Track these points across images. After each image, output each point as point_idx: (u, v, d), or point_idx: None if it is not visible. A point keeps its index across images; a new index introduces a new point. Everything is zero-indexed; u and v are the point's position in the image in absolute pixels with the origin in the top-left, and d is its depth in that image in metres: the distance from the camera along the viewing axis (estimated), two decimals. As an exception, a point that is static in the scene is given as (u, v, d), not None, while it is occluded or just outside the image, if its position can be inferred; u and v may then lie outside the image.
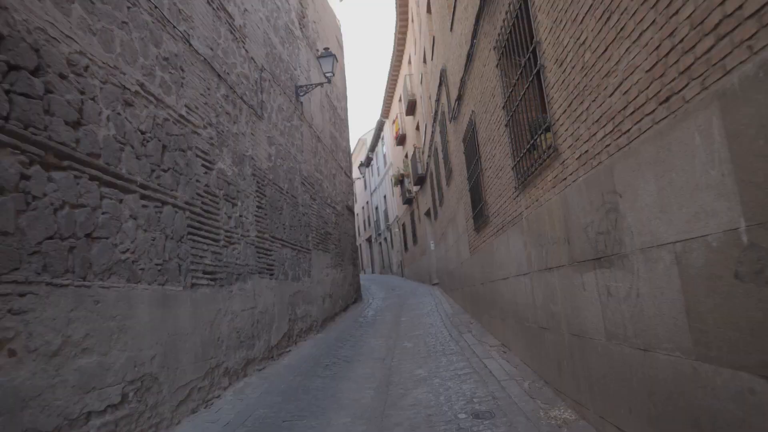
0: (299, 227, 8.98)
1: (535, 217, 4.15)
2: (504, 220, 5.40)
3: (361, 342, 8.02)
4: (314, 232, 10.07)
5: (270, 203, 7.51)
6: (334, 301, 11.21)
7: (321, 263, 10.31)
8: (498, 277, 6.05)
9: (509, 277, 5.40)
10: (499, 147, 5.23)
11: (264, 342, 6.59)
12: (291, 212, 8.57)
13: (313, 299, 9.32)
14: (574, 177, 3.14)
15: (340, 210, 13.01)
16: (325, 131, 12.31)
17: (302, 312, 8.55)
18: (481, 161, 6.40)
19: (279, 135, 8.37)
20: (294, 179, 8.99)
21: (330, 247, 11.32)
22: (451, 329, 8.09)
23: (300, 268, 8.74)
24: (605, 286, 2.78)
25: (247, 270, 6.28)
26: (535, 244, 4.21)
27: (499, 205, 5.59)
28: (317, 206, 10.56)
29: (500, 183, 5.39)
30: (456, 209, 9.79)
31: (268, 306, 6.89)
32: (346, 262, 13.14)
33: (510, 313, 5.56)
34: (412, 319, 9.97)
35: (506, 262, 5.47)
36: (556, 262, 3.67)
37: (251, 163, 6.88)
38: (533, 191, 4.14)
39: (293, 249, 8.44)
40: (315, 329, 9.29)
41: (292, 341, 7.87)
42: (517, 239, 4.87)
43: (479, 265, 7.50)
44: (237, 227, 6.13)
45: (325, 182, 11.68)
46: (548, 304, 3.97)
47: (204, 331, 4.96)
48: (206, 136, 5.53)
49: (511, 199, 4.98)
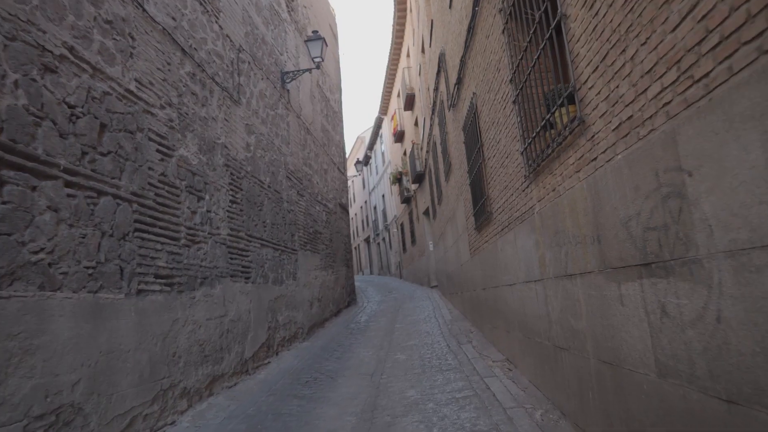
0: (283, 225, 8.21)
1: (550, 211, 3.37)
2: (510, 216, 4.62)
3: (349, 352, 7.23)
4: (301, 230, 9.29)
5: (247, 198, 6.73)
6: (324, 306, 10.43)
7: (309, 265, 9.53)
8: (503, 282, 5.27)
9: (516, 283, 4.62)
10: (505, 130, 4.46)
11: (236, 355, 5.81)
12: (273, 209, 7.79)
13: (298, 304, 8.54)
14: (609, 155, 2.36)
15: (332, 208, 12.23)
16: (316, 123, 11.53)
17: (285, 319, 7.77)
18: (484, 150, 5.62)
19: (260, 123, 7.60)
20: (278, 173, 8.21)
21: (320, 248, 10.54)
22: (449, 339, 7.31)
23: (283, 270, 7.96)
24: (658, 302, 2.00)
25: (215, 273, 5.50)
26: (550, 244, 3.43)
27: (504, 199, 4.81)
28: (305, 203, 9.78)
29: (506, 173, 4.61)
30: (455, 207, 9.01)
31: (241, 313, 6.11)
32: (339, 264, 12.36)
33: (516, 325, 4.78)
34: (407, 326, 9.19)
35: (513, 265, 4.70)
36: (579, 267, 2.89)
37: (224, 152, 6.11)
38: (548, 179, 3.36)
39: (275, 249, 7.66)
40: (300, 337, 8.50)
41: (272, 352, 7.09)
42: (526, 238, 4.09)
43: (481, 267, 6.72)
44: (204, 224, 5.36)
45: (316, 177, 10.90)
46: (567, 319, 3.19)
47: (153, 347, 4.17)
48: (164, 117, 4.76)
49: (519, 191, 4.20)
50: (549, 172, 3.33)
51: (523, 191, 4.05)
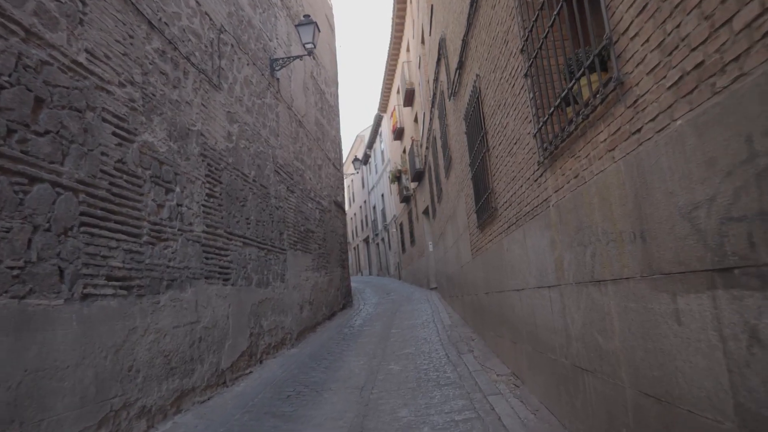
0: (270, 223, 7.61)
1: (571, 203, 2.77)
2: (519, 211, 4.02)
3: (339, 361, 6.64)
4: (291, 229, 8.70)
5: (228, 192, 6.13)
6: (316, 309, 9.83)
7: (299, 265, 8.93)
8: (509, 286, 4.67)
9: (525, 289, 4.02)
10: (514, 112, 3.86)
11: (210, 366, 5.21)
12: (259, 205, 7.20)
13: (286, 308, 7.94)
14: (662, 122, 1.77)
15: (326, 205, 11.63)
16: (310, 116, 10.94)
17: (271, 324, 7.17)
18: (488, 138, 5.03)
19: (245, 112, 7.00)
20: (265, 166, 7.62)
21: (312, 247, 9.95)
22: (448, 347, 6.71)
23: (270, 272, 7.36)
24: (744, 323, 1.41)
25: (186, 274, 4.90)
26: (570, 243, 2.83)
27: (511, 192, 4.22)
28: (296, 200, 9.18)
29: (514, 162, 4.02)
30: (456, 204, 8.42)
31: (218, 319, 5.51)
32: (333, 264, 11.76)
33: (525, 336, 4.18)
34: (404, 332, 8.59)
35: (521, 267, 4.10)
36: (612, 272, 2.29)
37: (200, 141, 5.51)
38: (569, 164, 2.76)
39: (261, 248, 7.06)
40: (288, 343, 7.91)
41: (255, 360, 6.49)
42: (538, 237, 3.49)
43: (483, 269, 6.12)
44: (173, 219, 4.76)
45: (308, 173, 10.31)
46: (593, 336, 2.60)
47: (102, 361, 3.58)
48: (123, 96, 4.16)
49: (530, 182, 3.61)
50: (570, 155, 2.73)
51: (536, 181, 3.46)
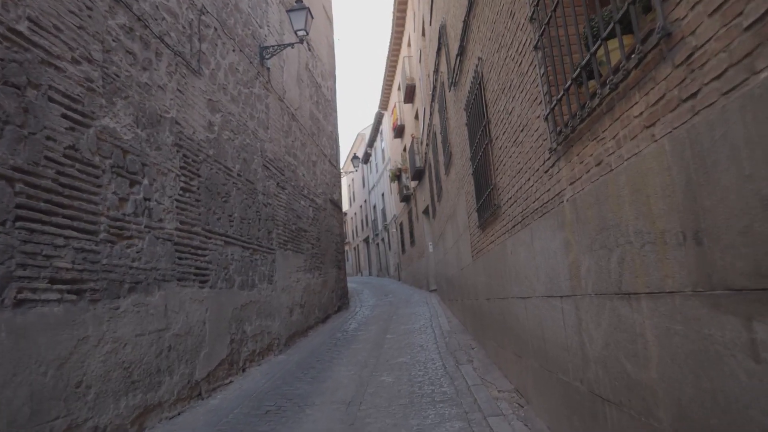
0: (257, 221, 7.12)
1: (592, 196, 2.27)
2: (525, 208, 3.53)
3: (328, 370, 6.14)
4: (281, 227, 8.21)
5: (207, 186, 5.65)
6: (308, 312, 9.33)
7: (289, 266, 8.44)
8: (513, 293, 4.17)
9: (532, 297, 3.52)
10: (521, 94, 3.36)
11: (181, 377, 4.72)
12: (244, 201, 6.71)
13: (274, 311, 7.45)
14: (735, 78, 1.27)
15: (320, 203, 11.14)
16: (304, 109, 10.45)
17: (255, 329, 6.68)
18: (490, 128, 4.53)
19: (229, 101, 6.52)
20: (252, 160, 7.13)
21: (304, 247, 9.45)
22: (446, 357, 6.21)
23: (255, 273, 6.87)
24: None
25: (154, 276, 4.42)
26: (590, 245, 2.33)
27: (517, 187, 3.72)
28: (287, 197, 8.69)
29: (520, 152, 3.52)
30: (456, 203, 7.92)
31: (192, 325, 5.02)
32: (328, 265, 11.27)
33: (531, 350, 3.68)
34: (399, 337, 8.09)
35: (527, 272, 3.60)
36: (649, 283, 1.79)
37: (175, 130, 5.03)
38: (590, 148, 2.26)
39: (245, 248, 6.58)
40: (276, 349, 7.42)
41: (236, 369, 6.00)
42: (549, 237, 2.99)
43: (484, 273, 5.62)
44: (139, 215, 4.28)
45: (301, 169, 9.82)
46: (618, 360, 2.10)
47: (41, 377, 3.09)
48: (78, 75, 3.67)
49: (539, 174, 3.11)
50: (591, 138, 2.23)
51: (546, 173, 2.96)
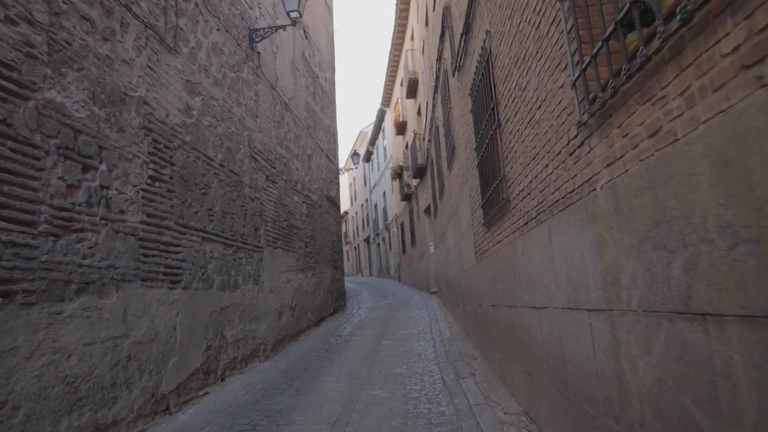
0: (242, 216, 6.56)
1: (642, 179, 1.70)
2: (542, 201, 2.95)
3: (315, 381, 5.57)
4: (270, 224, 7.64)
5: (182, 176, 5.08)
6: (299, 315, 8.76)
7: (279, 265, 7.87)
8: (523, 301, 3.59)
9: (548, 307, 2.94)
10: (538, 63, 2.79)
11: (143, 390, 4.15)
12: (227, 194, 6.15)
13: (260, 314, 6.89)
14: None
15: (315, 200, 10.57)
16: (299, 100, 9.88)
17: (238, 334, 6.12)
18: (499, 110, 3.95)
19: (211, 85, 5.95)
20: (237, 150, 6.57)
21: (296, 245, 8.88)
22: (445, 368, 5.63)
23: (240, 273, 6.31)
24: None
25: (112, 275, 3.85)
26: (637, 244, 1.75)
27: (531, 177, 3.14)
28: (278, 191, 8.13)
29: (536, 133, 2.94)
30: (458, 199, 7.34)
31: (159, 331, 4.45)
32: (323, 265, 10.70)
33: (546, 370, 3.11)
34: (396, 344, 7.51)
35: (543, 277, 3.02)
36: (744, 302, 1.21)
37: (143, 111, 4.46)
38: (640, 115, 1.68)
39: (227, 245, 6.01)
40: (261, 355, 6.85)
41: (214, 378, 5.44)
42: (574, 235, 2.42)
43: (489, 277, 5.04)
44: (93, 204, 3.72)
45: (295, 163, 9.25)
46: (680, 403, 1.52)
47: (-54, 399, 2.53)
48: (14, 37, 3.11)
49: (561, 157, 2.53)
50: (643, 99, 1.65)
51: (571, 155, 2.38)
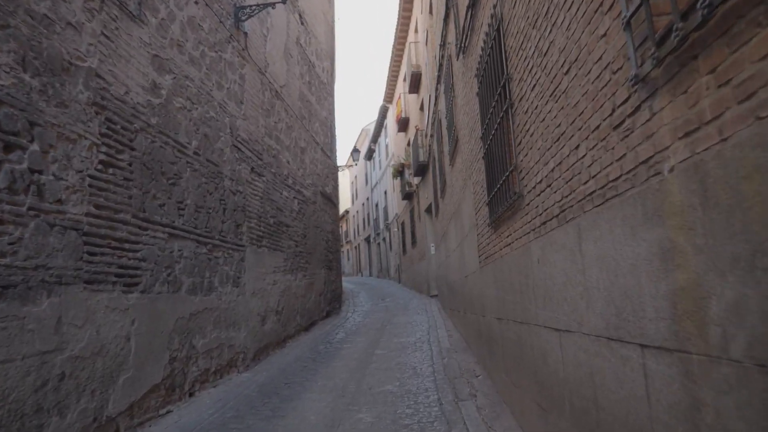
0: (221, 211, 5.91)
1: (765, 150, 1.03)
2: (569, 194, 2.28)
3: (295, 398, 4.92)
4: (255, 220, 6.99)
5: (145, 163, 4.44)
6: (286, 320, 8.11)
7: (264, 266, 7.22)
8: (540, 319, 2.93)
9: (574, 331, 2.28)
10: (567, 13, 2.12)
11: (81, 414, 3.50)
12: (203, 186, 5.50)
13: (239, 320, 6.24)
14: None
15: (308, 196, 9.92)
16: (292, 88, 9.23)
17: (211, 342, 5.47)
18: (511, 86, 3.29)
19: (186, 63, 5.30)
20: (216, 138, 5.92)
21: (285, 244, 8.23)
22: (443, 387, 4.97)
23: (216, 274, 5.66)
24: None
25: (42, 277, 3.21)
26: (750, 255, 1.09)
27: (553, 164, 2.48)
28: (264, 185, 7.48)
29: (561, 107, 2.28)
30: (461, 197, 6.68)
31: (106, 342, 3.80)
32: (315, 265, 10.05)
33: (568, 411, 2.44)
34: (390, 354, 6.86)
35: (568, 292, 2.35)
36: None
37: (95, 84, 3.82)
38: (763, 45, 1.01)
39: (201, 243, 5.36)
40: (240, 365, 6.20)
41: (180, 394, 4.79)
42: (620, 238, 1.75)
43: (495, 285, 4.38)
44: (18, 191, 3.07)
45: (286, 155, 8.60)
46: None
47: None
48: None
49: (602, 133, 1.87)
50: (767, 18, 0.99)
51: (618, 127, 1.72)
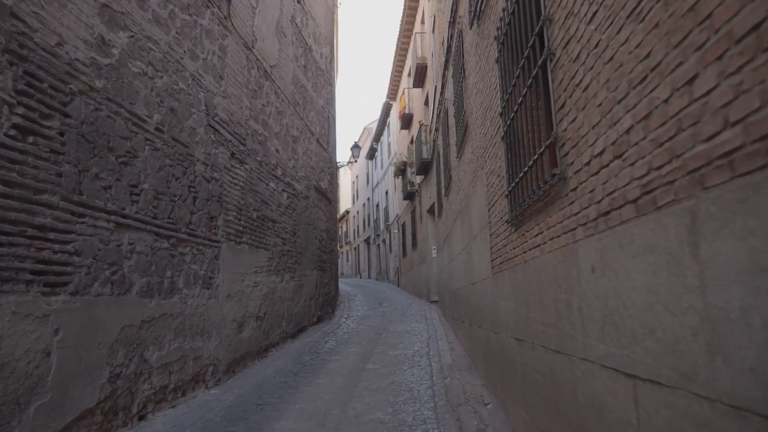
0: (189, 200, 5.06)
1: None
2: (664, 163, 1.42)
3: (265, 427, 4.05)
4: (234, 213, 6.14)
5: (84, 135, 3.58)
6: (269, 326, 7.25)
7: (243, 265, 6.37)
8: (593, 353, 2.06)
9: (675, 387, 1.41)
10: None
11: (-34, 457, 2.65)
12: (166, 169, 4.65)
13: (209, 327, 5.38)
14: None
15: (300, 190, 9.06)
16: (284, 70, 8.38)
17: (170, 354, 4.61)
18: (550, 31, 2.43)
19: (149, 21, 4.46)
20: (187, 114, 5.07)
21: (270, 242, 7.38)
22: (444, 417, 4.10)
23: (180, 273, 4.81)
24: None
25: None
26: None
27: (633, 120, 1.62)
28: (247, 174, 6.62)
29: (645, 32, 1.42)
30: (470, 192, 5.82)
31: (11, 360, 2.93)
32: (306, 266, 9.19)
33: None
34: (384, 370, 5.99)
35: (655, 319, 1.50)
36: None
37: (8, 27, 2.97)
38: None
39: (160, 236, 4.51)
40: (210, 380, 5.34)
41: (125, 418, 3.93)
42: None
43: (514, 297, 3.51)
44: None
45: (274, 143, 7.75)
46: None
47: None
48: None
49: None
50: None
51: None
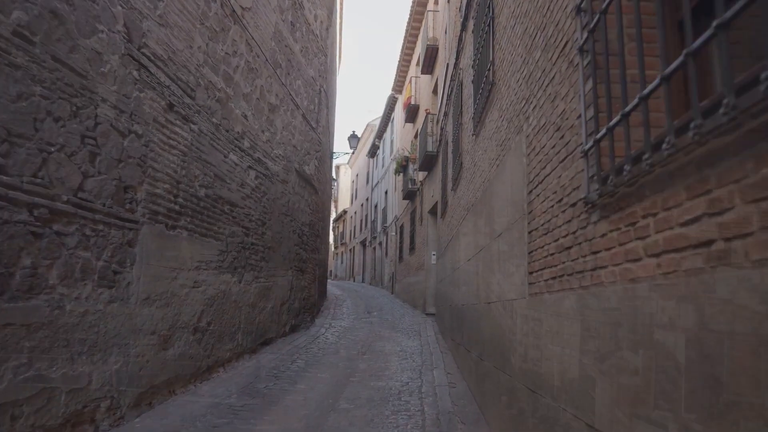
0: (84, 154, 3.43)
1: None
2: None
3: None
4: (166, 185, 4.51)
5: None
6: (216, 340, 5.60)
7: (178, 258, 4.73)
8: None
9: None
10: None
11: None
12: (36, 101, 3.03)
13: (108, 342, 3.72)
14: None
15: (276, 171, 7.43)
16: (263, 20, 6.76)
17: (17, 387, 2.96)
18: None
19: None
20: (85, 28, 3.45)
21: (225, 230, 5.74)
22: None
23: (55, 262, 3.17)
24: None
25: None
26: None
27: None
28: (194, 137, 5.00)
29: None
30: (492, 175, 4.21)
31: None
32: (279, 265, 7.55)
33: None
34: (358, 413, 4.35)
35: None
36: None
37: None
38: None
39: (11, 201, 2.89)
40: (100, 421, 3.68)
41: None
42: None
43: (594, 344, 1.88)
44: None
45: (242, 106, 6.13)
46: None
47: None
48: None
49: None
50: None
51: None
